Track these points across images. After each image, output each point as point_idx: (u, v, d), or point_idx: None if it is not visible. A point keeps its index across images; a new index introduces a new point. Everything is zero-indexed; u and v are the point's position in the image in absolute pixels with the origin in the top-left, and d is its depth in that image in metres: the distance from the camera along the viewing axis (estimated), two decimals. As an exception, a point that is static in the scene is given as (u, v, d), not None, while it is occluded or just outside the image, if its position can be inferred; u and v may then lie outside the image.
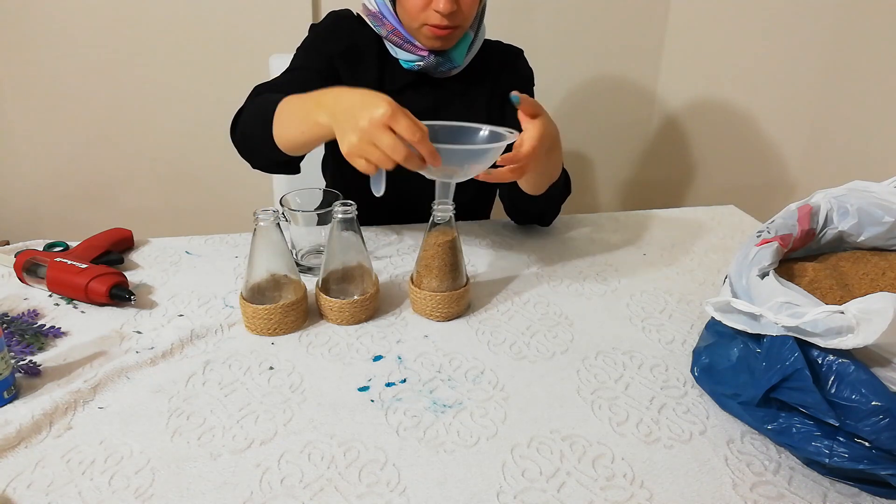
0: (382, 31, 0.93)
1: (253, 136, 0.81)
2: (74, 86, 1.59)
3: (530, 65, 1.08)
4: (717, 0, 1.64)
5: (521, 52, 1.08)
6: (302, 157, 0.83)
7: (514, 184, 0.83)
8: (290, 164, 0.83)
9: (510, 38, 1.11)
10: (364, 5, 0.95)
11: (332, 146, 0.98)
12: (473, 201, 1.09)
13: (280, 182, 1.26)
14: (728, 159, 1.68)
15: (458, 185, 0.72)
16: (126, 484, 0.50)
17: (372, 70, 0.96)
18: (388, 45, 0.94)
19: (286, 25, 1.58)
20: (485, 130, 0.75)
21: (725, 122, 1.68)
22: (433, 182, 0.70)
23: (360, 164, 0.63)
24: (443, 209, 0.70)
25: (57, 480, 0.50)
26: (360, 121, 0.60)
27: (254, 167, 0.87)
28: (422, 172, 0.67)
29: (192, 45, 1.58)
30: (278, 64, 1.20)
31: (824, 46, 1.36)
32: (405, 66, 0.94)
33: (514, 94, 0.67)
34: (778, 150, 1.54)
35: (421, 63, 0.92)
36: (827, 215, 0.69)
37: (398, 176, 0.68)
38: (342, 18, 0.99)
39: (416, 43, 0.92)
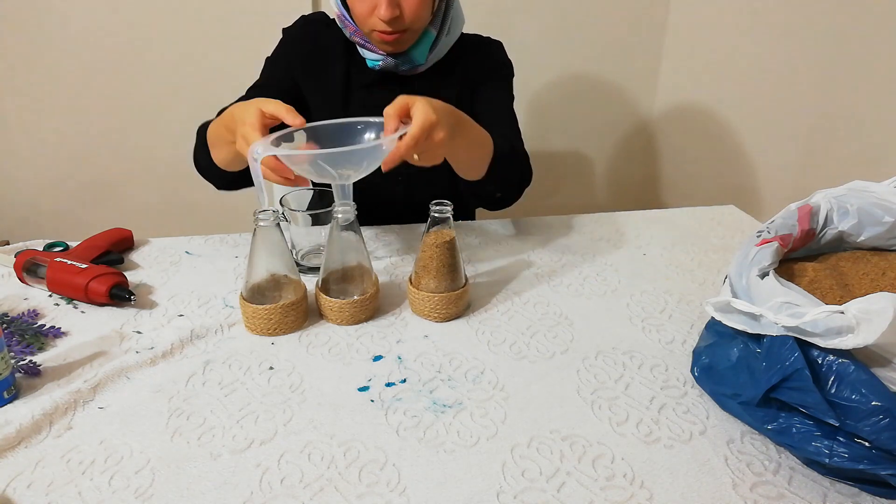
0: (346, 32, 0.94)
1: (200, 163, 0.89)
2: (74, 86, 1.59)
3: (510, 56, 1.07)
4: (717, 0, 1.64)
5: (497, 42, 1.07)
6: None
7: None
8: (243, 179, 0.85)
9: (510, 37, 1.11)
10: (332, 8, 0.96)
11: None
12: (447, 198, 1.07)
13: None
14: (728, 159, 1.68)
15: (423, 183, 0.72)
16: (126, 484, 0.50)
17: (340, 69, 0.98)
18: (356, 45, 0.96)
19: (286, 25, 1.58)
20: (376, 124, 0.76)
21: (725, 121, 1.68)
22: (431, 183, 0.71)
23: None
24: (440, 209, 0.70)
25: (57, 480, 0.50)
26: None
27: (219, 189, 0.91)
28: (311, 178, 0.70)
29: (192, 44, 1.58)
30: (278, 64, 1.20)
31: (824, 46, 1.36)
32: (370, 65, 0.95)
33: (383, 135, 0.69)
34: (778, 150, 1.54)
35: (380, 63, 0.94)
36: (827, 215, 0.69)
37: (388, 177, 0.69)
38: (310, 23, 1.02)
39: (374, 45, 0.93)
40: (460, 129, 0.74)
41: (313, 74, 0.98)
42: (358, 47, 0.95)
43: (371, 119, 0.76)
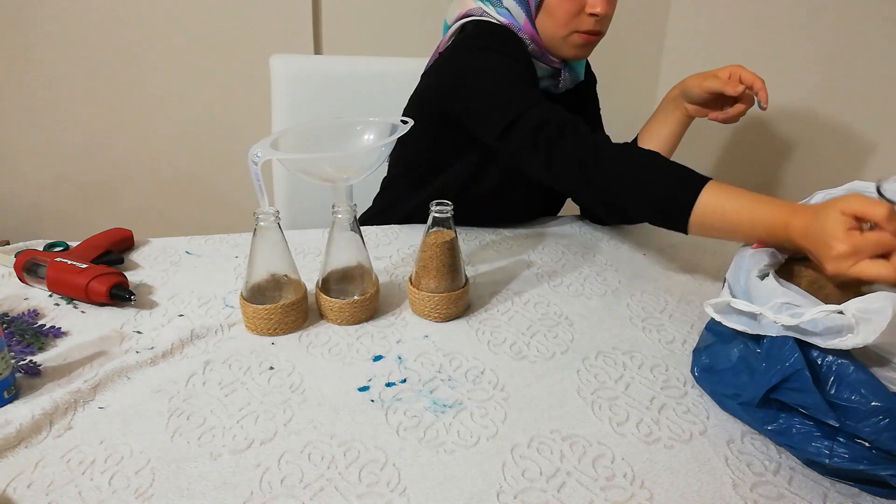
0: (526, 44, 0.89)
1: (655, 202, 0.74)
2: (74, 86, 1.59)
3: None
4: (717, 0, 1.64)
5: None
6: None
7: None
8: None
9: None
10: (489, 19, 0.89)
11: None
12: (544, 200, 1.09)
13: (280, 183, 1.26)
14: (728, 159, 1.68)
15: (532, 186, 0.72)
16: (126, 484, 0.50)
17: None
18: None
19: (286, 25, 1.59)
20: (375, 125, 0.76)
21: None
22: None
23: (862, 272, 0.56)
24: (440, 209, 0.70)
25: (57, 480, 0.50)
26: (837, 248, 0.56)
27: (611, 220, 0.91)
28: (311, 180, 0.69)
29: (193, 45, 1.58)
30: (278, 64, 1.20)
31: (825, 46, 1.36)
32: (540, 74, 0.92)
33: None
34: (778, 150, 1.54)
35: (553, 77, 0.93)
36: (827, 215, 0.68)
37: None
38: (506, 29, 0.90)
39: (550, 55, 0.91)
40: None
41: None
42: (534, 59, 0.91)
43: (371, 119, 0.76)
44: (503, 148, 0.83)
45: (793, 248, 0.64)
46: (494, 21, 0.89)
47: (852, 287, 0.63)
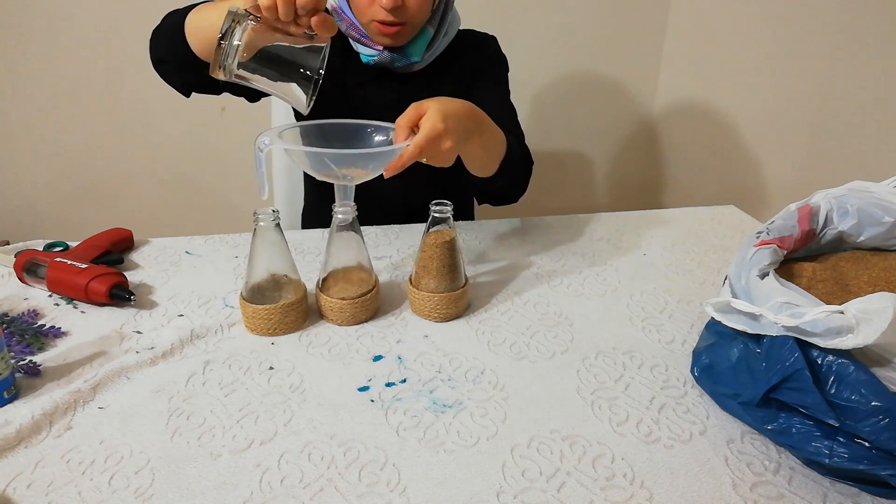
0: (342, 26, 0.93)
1: (170, 55, 0.86)
2: (75, 86, 1.59)
3: (510, 56, 1.07)
4: (717, 0, 1.64)
5: (492, 38, 1.07)
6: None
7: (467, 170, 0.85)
8: (183, 66, 0.84)
9: (510, 37, 1.11)
10: (327, 1, 0.95)
11: None
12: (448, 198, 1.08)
13: (280, 183, 1.26)
14: (728, 159, 1.68)
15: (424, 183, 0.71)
16: (126, 484, 0.50)
17: (335, 64, 0.96)
18: (350, 40, 0.95)
19: (286, 25, 1.58)
20: (386, 128, 0.76)
21: (725, 121, 1.68)
22: (432, 183, 0.71)
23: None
24: (440, 209, 0.70)
25: (57, 480, 0.50)
26: None
27: (180, 90, 0.91)
28: (314, 174, 0.69)
29: (192, 45, 1.58)
30: (278, 64, 1.20)
31: (825, 46, 1.36)
32: (364, 60, 0.94)
33: (393, 144, 0.69)
34: (778, 150, 1.54)
35: (375, 58, 0.93)
36: (827, 215, 0.69)
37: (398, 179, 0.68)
38: None
39: (370, 40, 0.93)
40: (478, 130, 0.74)
41: None
42: (352, 42, 0.95)
43: (382, 124, 0.76)
44: None
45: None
46: (330, 3, 0.93)
47: (851, 287, 0.63)
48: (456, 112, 0.69)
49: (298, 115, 1.03)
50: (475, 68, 1.02)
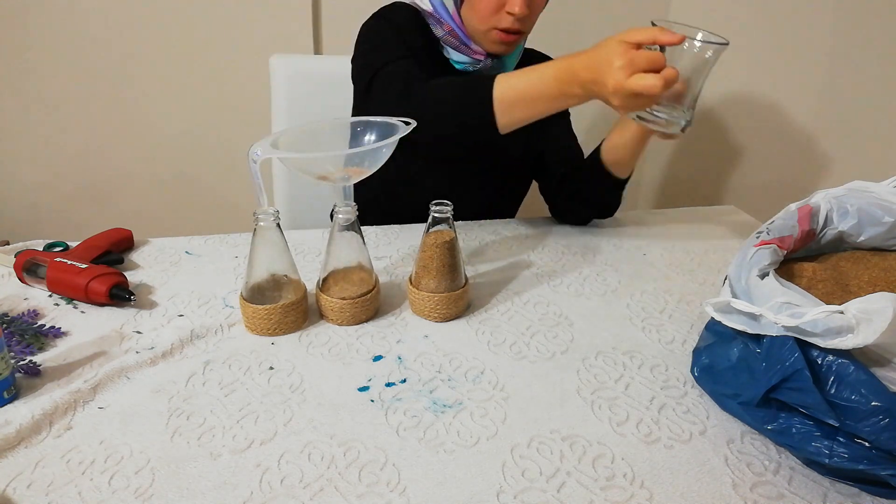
0: (439, 32, 0.92)
1: (461, 113, 0.78)
2: (74, 86, 1.59)
3: None
4: (718, 0, 1.64)
5: (547, 56, 1.07)
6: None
7: (590, 176, 0.91)
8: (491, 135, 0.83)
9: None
10: (416, 4, 0.94)
11: None
12: (501, 201, 1.09)
13: (280, 183, 1.26)
14: (728, 159, 1.68)
15: (487, 186, 0.73)
16: (126, 484, 0.50)
17: (427, 67, 0.93)
18: (443, 46, 0.94)
19: (286, 25, 1.59)
20: (376, 125, 0.77)
21: (725, 121, 1.68)
22: (437, 182, 0.72)
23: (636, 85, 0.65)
24: (440, 209, 0.70)
25: (57, 480, 0.50)
26: (612, 61, 0.66)
27: (437, 139, 0.83)
28: (311, 178, 0.69)
29: (192, 45, 1.58)
30: (278, 64, 1.20)
31: (825, 46, 1.36)
32: (458, 67, 0.94)
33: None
34: (778, 150, 1.54)
35: (475, 66, 0.92)
36: (827, 215, 0.69)
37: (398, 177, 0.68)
38: (418, 13, 0.95)
39: (474, 46, 0.91)
40: None
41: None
42: (449, 49, 0.93)
43: (372, 119, 0.76)
44: (370, 106, 0.85)
45: (581, 89, 0.70)
46: (422, 7, 0.93)
47: (851, 287, 0.63)
48: None
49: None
50: None
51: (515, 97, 0.75)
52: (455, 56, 0.93)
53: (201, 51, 1.59)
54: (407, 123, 0.74)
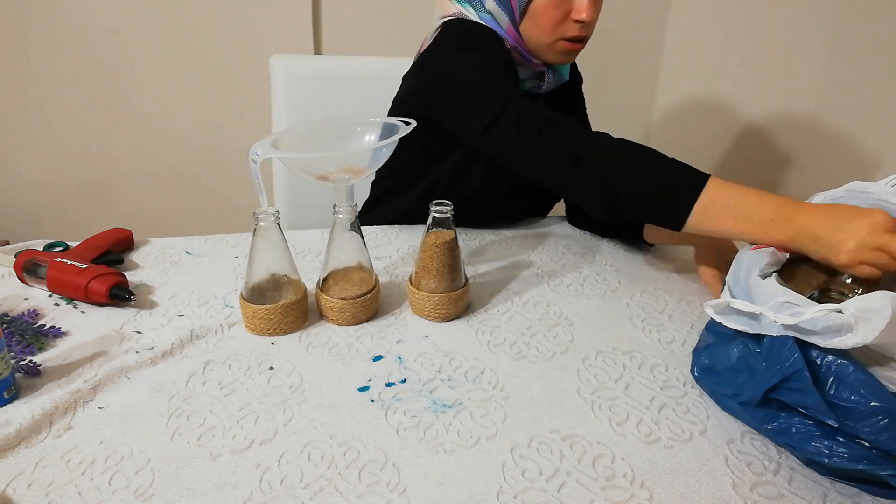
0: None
1: (654, 198, 0.72)
2: (74, 86, 1.59)
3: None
4: (717, 0, 1.65)
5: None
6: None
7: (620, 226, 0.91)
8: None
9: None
10: (469, 21, 0.89)
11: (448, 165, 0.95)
12: (528, 199, 1.09)
13: (280, 183, 1.26)
14: (728, 159, 1.68)
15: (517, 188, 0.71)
16: (126, 484, 0.50)
17: None
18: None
19: (286, 25, 1.59)
20: (377, 125, 0.77)
21: (725, 121, 1.68)
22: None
23: (863, 270, 0.60)
24: (440, 209, 0.70)
25: (57, 480, 0.50)
26: (860, 230, 0.60)
27: (607, 213, 0.76)
28: (311, 179, 0.69)
29: (192, 45, 1.59)
30: (278, 64, 1.20)
31: (824, 46, 1.36)
32: (524, 86, 0.92)
33: None
34: (778, 149, 1.54)
35: (537, 82, 0.92)
36: (827, 216, 0.68)
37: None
38: (494, 31, 0.89)
39: (535, 60, 0.90)
40: None
41: None
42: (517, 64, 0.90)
43: (372, 120, 0.76)
44: (488, 144, 0.82)
45: (790, 242, 0.64)
46: (476, 22, 0.89)
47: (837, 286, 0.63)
48: None
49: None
50: (577, 90, 1.05)
51: (718, 207, 0.68)
52: (520, 72, 0.91)
53: (201, 51, 1.59)
54: (407, 123, 0.74)
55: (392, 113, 0.97)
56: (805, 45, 1.42)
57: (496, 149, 0.82)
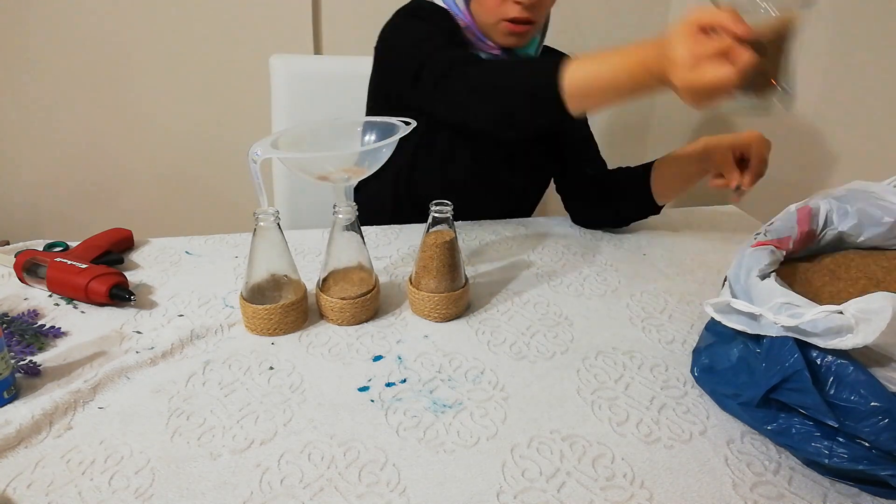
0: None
1: (520, 93, 0.74)
2: (74, 86, 1.59)
3: None
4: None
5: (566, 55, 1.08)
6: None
7: (627, 191, 0.92)
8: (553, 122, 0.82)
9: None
10: (431, 1, 0.93)
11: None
12: (520, 201, 1.09)
13: (280, 183, 1.26)
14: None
15: (507, 185, 0.71)
16: (126, 484, 0.50)
17: None
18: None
19: (286, 25, 1.59)
20: (376, 125, 0.77)
21: (725, 121, 1.68)
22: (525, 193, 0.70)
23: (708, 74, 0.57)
24: (440, 209, 0.70)
25: (57, 480, 0.50)
26: (678, 55, 0.57)
27: (503, 115, 0.78)
28: (311, 178, 0.69)
29: (193, 45, 1.58)
30: (278, 64, 1.20)
31: (824, 46, 1.36)
32: None
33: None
34: (778, 150, 1.54)
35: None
36: (827, 216, 0.69)
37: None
38: (437, 7, 0.95)
39: (488, 42, 0.91)
40: None
41: None
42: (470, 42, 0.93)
43: (373, 119, 0.76)
44: (417, 96, 0.84)
45: (658, 81, 0.62)
46: (436, 4, 0.92)
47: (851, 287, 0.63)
48: None
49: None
50: None
51: (591, 76, 0.68)
52: (474, 52, 0.93)
53: (201, 51, 1.59)
54: (407, 123, 0.74)
55: (367, 102, 1.01)
56: (805, 44, 1.42)
57: (423, 99, 0.83)
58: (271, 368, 0.65)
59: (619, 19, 1.78)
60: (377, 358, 0.67)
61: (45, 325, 0.70)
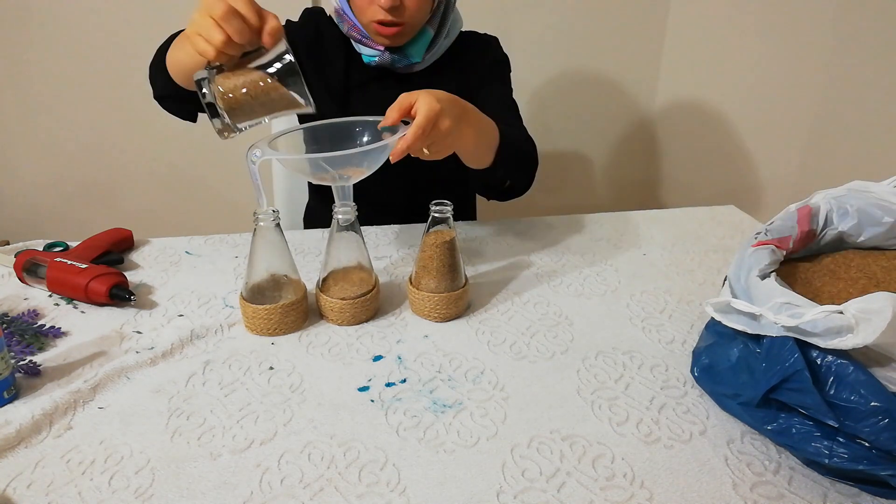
0: (344, 28, 0.94)
1: (163, 92, 0.89)
2: (75, 86, 1.59)
3: (506, 52, 1.08)
4: (717, 0, 1.64)
5: (494, 39, 1.08)
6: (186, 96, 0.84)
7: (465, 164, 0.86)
8: (178, 98, 0.88)
9: (510, 36, 1.12)
10: (330, 3, 0.96)
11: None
12: (446, 195, 1.08)
13: (280, 183, 1.26)
14: (728, 159, 1.68)
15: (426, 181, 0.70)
16: (126, 484, 0.50)
17: (338, 65, 0.98)
18: (352, 41, 0.96)
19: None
20: (374, 125, 0.76)
21: (725, 121, 1.68)
22: (434, 184, 0.71)
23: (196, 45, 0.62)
24: (440, 209, 0.70)
25: (57, 480, 0.51)
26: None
27: (182, 117, 0.94)
28: (310, 179, 0.69)
29: (192, 45, 1.58)
30: (278, 64, 1.20)
31: (824, 46, 1.36)
32: (366, 60, 0.95)
33: (380, 126, 0.70)
34: (778, 150, 1.54)
35: (377, 59, 0.94)
36: (827, 216, 0.69)
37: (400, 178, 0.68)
38: (315, 15, 1.01)
39: (371, 41, 0.94)
40: (465, 117, 0.74)
41: (315, 68, 0.98)
42: (354, 43, 0.96)
43: (371, 118, 0.76)
44: None
45: None
46: (333, 5, 0.95)
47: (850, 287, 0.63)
48: (446, 96, 0.70)
49: (302, 119, 1.04)
50: (477, 69, 1.03)
51: (171, 64, 0.81)
52: (363, 50, 0.95)
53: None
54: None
55: None
56: (805, 43, 1.42)
57: None
58: (271, 368, 0.65)
59: (619, 19, 1.78)
60: (377, 358, 0.67)
61: (45, 325, 0.70)
